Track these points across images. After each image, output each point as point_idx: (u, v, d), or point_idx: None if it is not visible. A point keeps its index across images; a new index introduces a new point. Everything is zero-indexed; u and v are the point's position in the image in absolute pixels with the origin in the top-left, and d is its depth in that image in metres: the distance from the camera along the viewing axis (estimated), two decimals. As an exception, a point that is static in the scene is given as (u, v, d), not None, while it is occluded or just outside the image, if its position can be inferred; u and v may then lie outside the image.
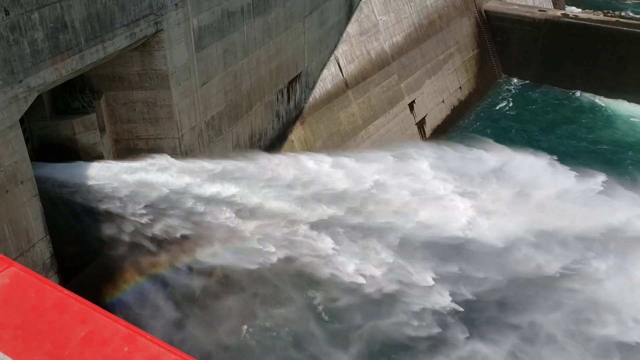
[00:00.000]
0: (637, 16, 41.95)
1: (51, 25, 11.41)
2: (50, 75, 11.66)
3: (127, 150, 15.80)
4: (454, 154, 18.86)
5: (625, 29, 34.83)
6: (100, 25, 12.60)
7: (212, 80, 17.41)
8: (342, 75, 26.20)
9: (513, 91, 37.73)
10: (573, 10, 44.69)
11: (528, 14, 37.53)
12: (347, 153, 19.48)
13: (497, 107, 36.07)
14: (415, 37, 31.70)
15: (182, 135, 16.15)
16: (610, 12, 40.65)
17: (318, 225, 16.07)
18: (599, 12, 39.34)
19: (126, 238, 14.25)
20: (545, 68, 37.50)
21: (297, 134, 23.36)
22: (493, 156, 18.67)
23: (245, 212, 15.20)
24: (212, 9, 16.61)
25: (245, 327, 18.78)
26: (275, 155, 17.53)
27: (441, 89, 33.44)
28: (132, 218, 13.94)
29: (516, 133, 33.37)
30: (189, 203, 14.29)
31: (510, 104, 36.38)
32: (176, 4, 14.83)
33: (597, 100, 36.03)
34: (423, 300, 17.05)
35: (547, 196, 17.34)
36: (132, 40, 13.65)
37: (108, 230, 14.05)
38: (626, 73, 35.07)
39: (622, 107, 35.31)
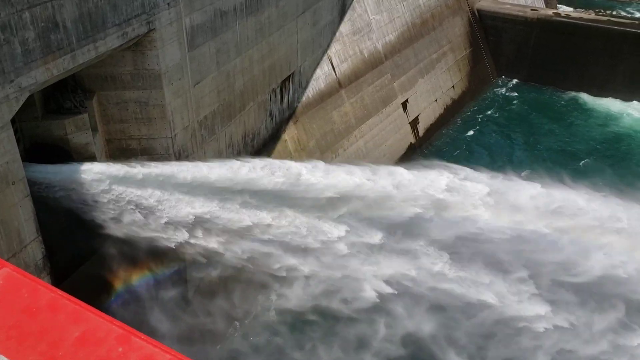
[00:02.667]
0: (628, 15, 42.21)
1: (42, 24, 11.34)
2: (42, 75, 11.59)
3: (119, 150, 15.73)
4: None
5: (616, 27, 35.03)
6: (91, 25, 12.52)
7: (205, 80, 17.35)
8: (335, 74, 26.18)
9: (505, 90, 37.84)
10: (565, 9, 44.88)
11: (520, 13, 37.66)
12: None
13: (490, 107, 36.16)
14: (408, 36, 31.74)
15: (175, 135, 16.09)
16: (602, 11, 40.86)
17: None
18: (591, 11, 39.56)
19: None
20: (538, 67, 37.64)
21: (290, 133, 23.33)
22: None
23: None
24: (205, 8, 16.55)
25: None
26: None
27: (434, 88, 33.49)
28: None
29: (509, 134, 33.50)
30: None
31: (502, 104, 36.49)
32: (168, 4, 14.76)
33: (589, 99, 36.18)
34: None
35: None
36: (124, 40, 13.59)
37: None
38: (617, 71, 35.27)
39: (613, 105, 35.49)
